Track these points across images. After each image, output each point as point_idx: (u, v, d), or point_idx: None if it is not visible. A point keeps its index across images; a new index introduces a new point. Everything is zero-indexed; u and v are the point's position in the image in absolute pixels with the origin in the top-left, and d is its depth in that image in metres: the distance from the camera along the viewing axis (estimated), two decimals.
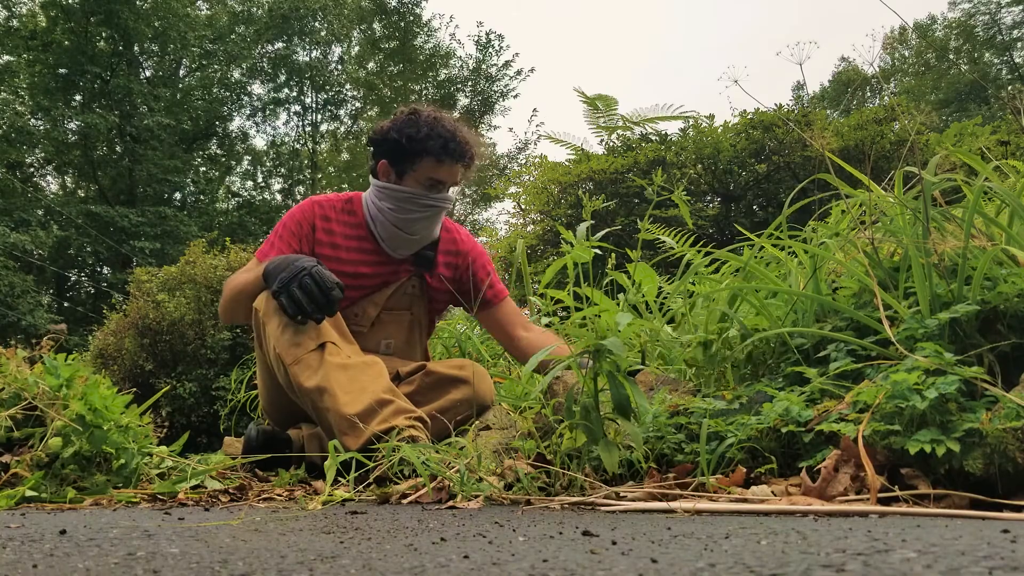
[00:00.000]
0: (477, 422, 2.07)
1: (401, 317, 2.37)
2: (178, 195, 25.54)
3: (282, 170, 27.12)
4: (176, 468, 1.79)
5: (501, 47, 25.58)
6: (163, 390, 2.51)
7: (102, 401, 1.57)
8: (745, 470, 1.46)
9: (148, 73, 24.60)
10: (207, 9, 25.50)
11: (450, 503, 1.40)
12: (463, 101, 25.67)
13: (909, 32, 28.17)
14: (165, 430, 6.72)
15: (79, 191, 25.14)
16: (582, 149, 8.17)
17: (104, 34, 22.35)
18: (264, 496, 1.61)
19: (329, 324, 2.08)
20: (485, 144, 2.41)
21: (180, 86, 24.91)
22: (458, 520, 1.16)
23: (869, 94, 26.83)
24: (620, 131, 8.00)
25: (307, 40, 25.63)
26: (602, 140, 8.14)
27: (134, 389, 2.01)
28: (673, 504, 1.26)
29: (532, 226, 7.94)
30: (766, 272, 2.23)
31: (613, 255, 2.68)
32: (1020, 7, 23.12)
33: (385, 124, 2.31)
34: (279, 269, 2.02)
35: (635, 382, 1.54)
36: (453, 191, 2.41)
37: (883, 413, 1.33)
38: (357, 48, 27.03)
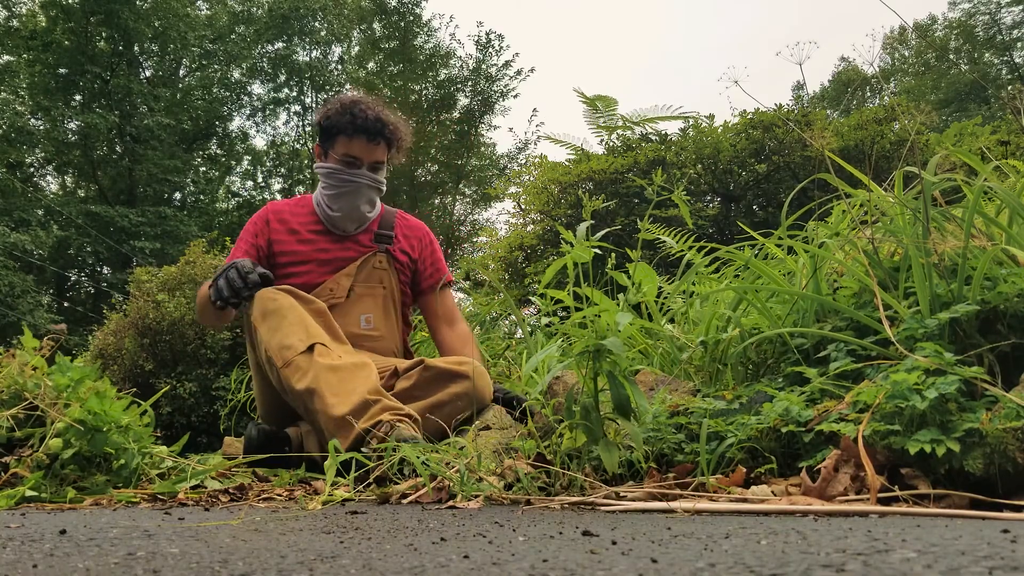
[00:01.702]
0: (477, 422, 2.06)
1: (375, 291, 2.48)
2: (178, 195, 25.54)
3: (282, 170, 27.11)
4: (176, 468, 1.79)
5: (501, 47, 25.55)
6: (163, 390, 2.52)
7: (102, 406, 1.57)
8: (745, 470, 1.46)
9: (148, 73, 24.60)
10: (207, 9, 25.49)
11: (450, 503, 1.40)
12: (463, 101, 25.64)
13: (909, 32, 28.17)
14: (164, 431, 6.71)
15: (79, 191, 25.13)
16: (582, 149, 8.17)
17: (104, 34, 22.35)
18: (264, 496, 1.61)
19: (319, 325, 2.12)
20: (407, 126, 2.54)
21: (180, 86, 24.91)
22: (458, 520, 1.16)
23: (869, 94, 26.83)
24: (620, 131, 8.00)
25: (307, 40, 25.62)
26: (602, 140, 8.14)
27: (134, 389, 2.00)
28: (673, 504, 1.26)
29: (532, 226, 7.94)
30: (769, 270, 2.23)
31: (613, 255, 2.68)
32: (1020, 7, 23.12)
33: (319, 111, 2.53)
34: (217, 271, 2.23)
35: (635, 382, 1.54)
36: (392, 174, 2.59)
37: (883, 413, 1.33)
38: (357, 48, 27.01)
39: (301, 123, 26.79)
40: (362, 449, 1.83)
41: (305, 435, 2.22)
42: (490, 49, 25.48)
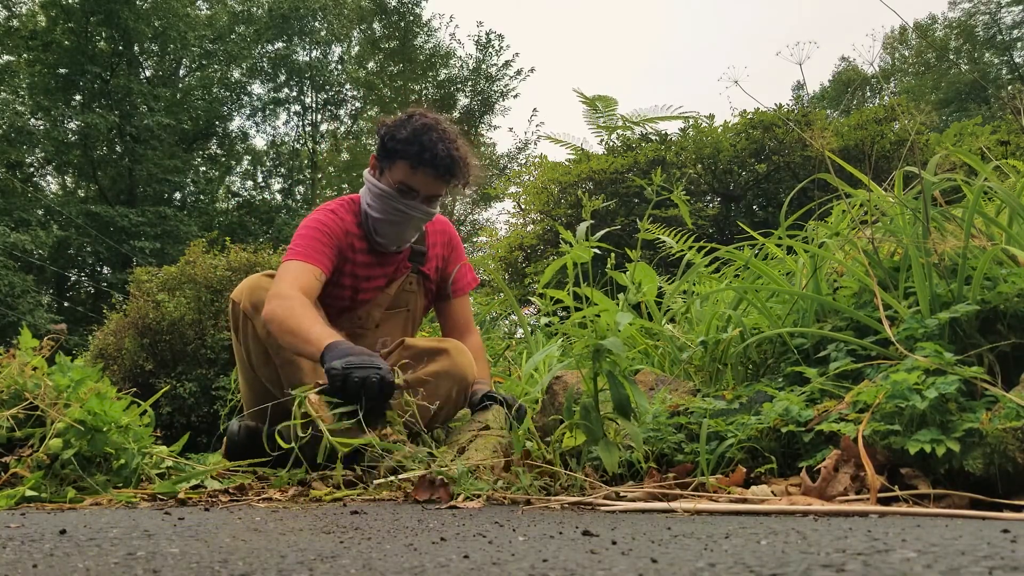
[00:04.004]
0: (477, 421, 2.06)
1: (399, 315, 2.39)
2: (178, 195, 25.54)
3: (282, 170, 27.12)
4: (176, 468, 1.80)
5: (501, 47, 25.58)
6: (163, 390, 2.50)
7: (102, 406, 1.57)
8: (745, 470, 1.46)
9: (148, 73, 24.61)
10: (207, 9, 25.50)
11: (450, 503, 1.40)
12: (463, 101, 25.66)
13: (909, 32, 28.18)
14: (164, 431, 6.71)
15: (79, 191, 25.14)
16: (582, 149, 8.17)
17: (104, 34, 22.35)
18: (264, 496, 1.61)
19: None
20: (478, 165, 2.28)
21: (180, 86, 24.92)
22: (458, 520, 1.16)
23: (869, 94, 26.83)
24: (620, 131, 8.00)
25: (307, 40, 25.62)
26: (602, 140, 8.14)
27: (134, 389, 2.00)
28: (673, 504, 1.26)
29: (532, 226, 7.94)
30: (769, 270, 2.23)
31: (613, 255, 2.68)
32: (1020, 7, 23.11)
33: (386, 119, 2.26)
34: (347, 353, 1.79)
35: (635, 382, 1.54)
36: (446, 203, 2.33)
37: (883, 413, 1.33)
38: (357, 48, 27.02)
39: (301, 123, 26.81)
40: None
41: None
42: (490, 49, 25.50)
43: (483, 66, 25.49)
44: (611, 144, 8.03)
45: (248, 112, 26.29)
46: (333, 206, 2.29)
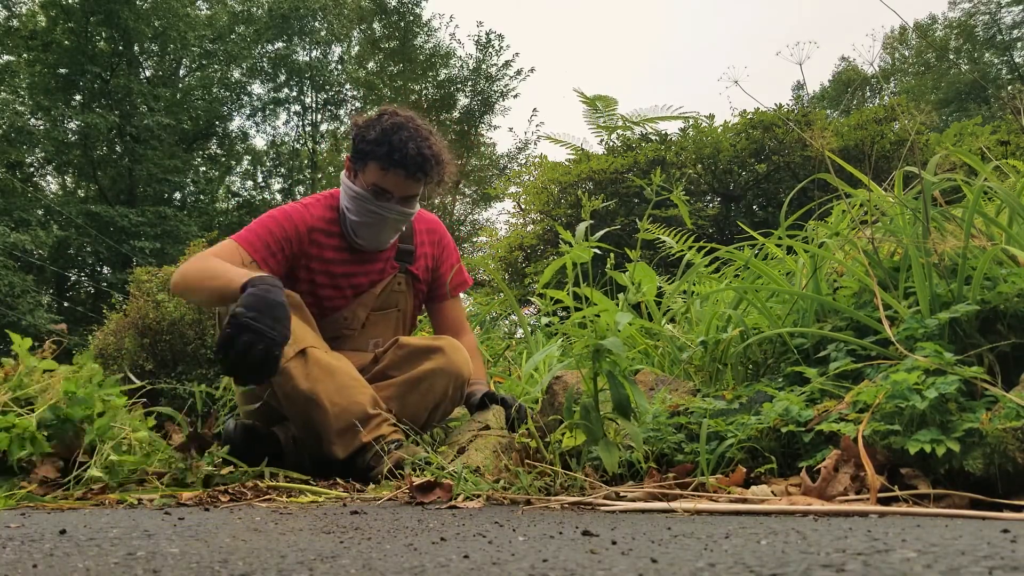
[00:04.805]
0: (477, 421, 2.06)
1: (389, 315, 2.37)
2: (178, 195, 25.53)
3: (282, 170, 27.12)
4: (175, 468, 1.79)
5: (501, 47, 25.57)
6: (162, 387, 2.50)
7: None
8: (745, 470, 1.46)
9: (148, 73, 24.60)
10: (207, 9, 25.49)
11: (450, 503, 1.40)
12: (463, 101, 25.65)
13: (909, 32, 28.18)
14: (163, 431, 6.70)
15: (79, 191, 25.12)
16: (582, 149, 8.17)
17: (104, 34, 22.34)
18: (264, 497, 1.61)
19: (301, 321, 2.06)
20: (450, 157, 2.24)
21: (180, 86, 24.91)
22: (458, 520, 1.16)
23: (869, 94, 26.83)
24: (620, 131, 8.00)
25: (307, 40, 25.62)
26: (602, 140, 8.13)
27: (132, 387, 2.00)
28: (673, 504, 1.26)
29: (532, 226, 7.93)
30: (769, 270, 2.23)
31: (613, 255, 2.68)
32: (1020, 7, 23.11)
33: (358, 119, 2.23)
34: (257, 307, 1.75)
35: (635, 382, 1.54)
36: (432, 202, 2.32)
37: (883, 413, 1.33)
38: (357, 48, 27.02)
39: (301, 123, 26.81)
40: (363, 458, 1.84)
41: (295, 439, 2.19)
42: (490, 49, 25.50)
43: (483, 66, 25.48)
44: (611, 144, 8.02)
45: (248, 112, 26.28)
46: (308, 201, 2.28)
